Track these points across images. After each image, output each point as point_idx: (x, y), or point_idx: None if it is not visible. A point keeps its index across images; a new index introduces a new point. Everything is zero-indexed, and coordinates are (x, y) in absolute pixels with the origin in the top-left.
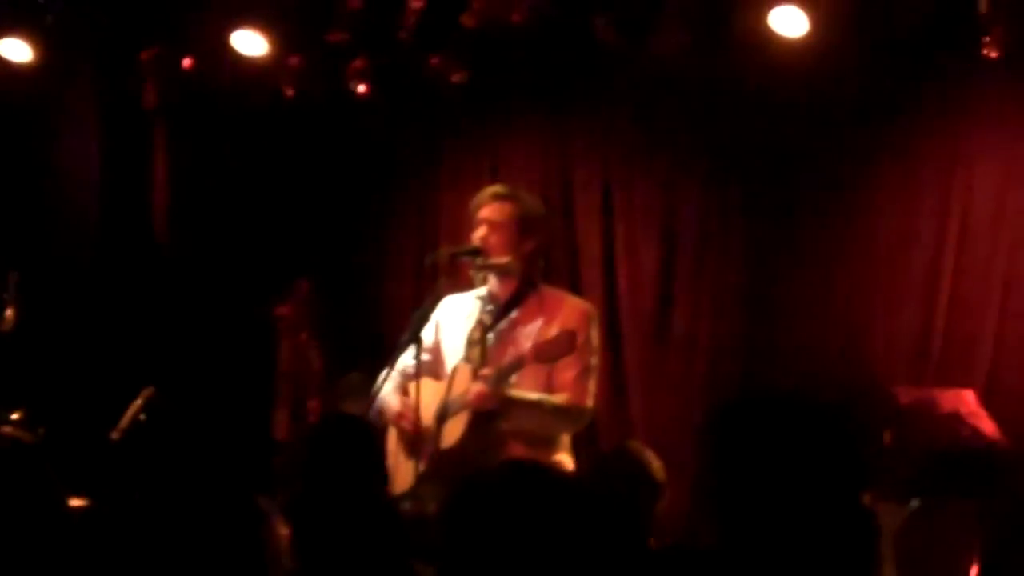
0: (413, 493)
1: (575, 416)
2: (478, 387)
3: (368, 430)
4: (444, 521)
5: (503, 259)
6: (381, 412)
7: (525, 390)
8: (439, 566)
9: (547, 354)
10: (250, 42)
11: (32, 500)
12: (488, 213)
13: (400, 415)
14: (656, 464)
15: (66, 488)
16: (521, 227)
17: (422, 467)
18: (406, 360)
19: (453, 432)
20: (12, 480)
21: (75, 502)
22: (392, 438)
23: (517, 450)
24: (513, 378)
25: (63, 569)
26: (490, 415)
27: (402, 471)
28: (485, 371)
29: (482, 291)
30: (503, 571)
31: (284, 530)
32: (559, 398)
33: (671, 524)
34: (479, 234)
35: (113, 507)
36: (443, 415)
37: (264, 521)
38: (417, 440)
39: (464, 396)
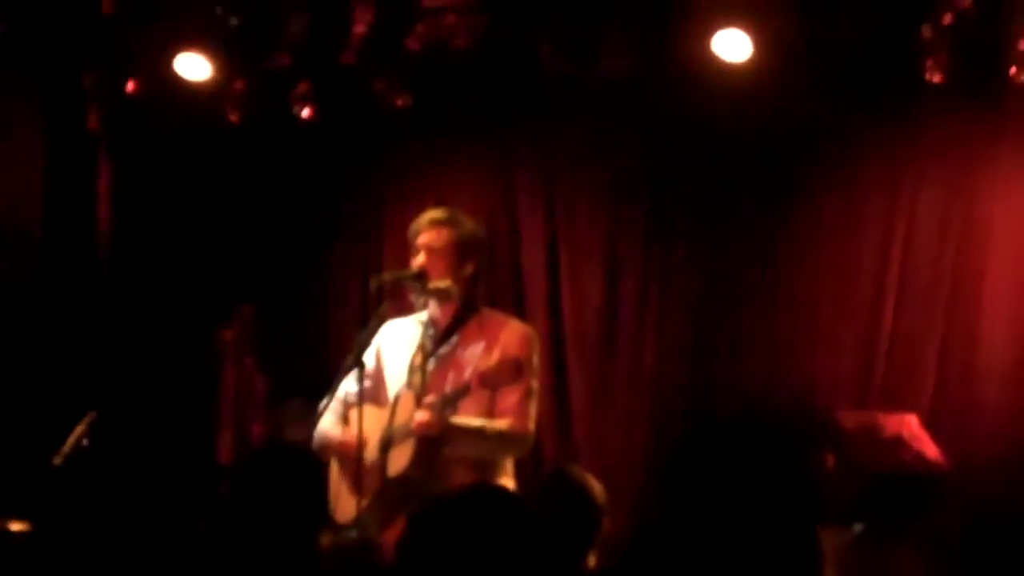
0: (358, 521)
1: (518, 441)
2: (423, 415)
3: (309, 461)
4: (404, 541)
5: (442, 283)
6: (323, 446)
7: (468, 416)
8: None
9: (492, 381)
10: (194, 66)
11: None
12: (426, 239)
13: (343, 443)
14: (597, 488)
15: (7, 512)
16: (460, 252)
17: (367, 495)
18: (348, 386)
19: (399, 460)
20: None
21: (16, 526)
22: (335, 469)
23: (461, 476)
24: (457, 404)
25: None
26: (435, 442)
27: (345, 500)
28: (429, 399)
29: (423, 316)
30: None
31: None
32: (502, 424)
33: (615, 548)
34: (418, 261)
35: (55, 531)
36: (387, 443)
37: (207, 544)
38: (361, 468)
39: (408, 424)
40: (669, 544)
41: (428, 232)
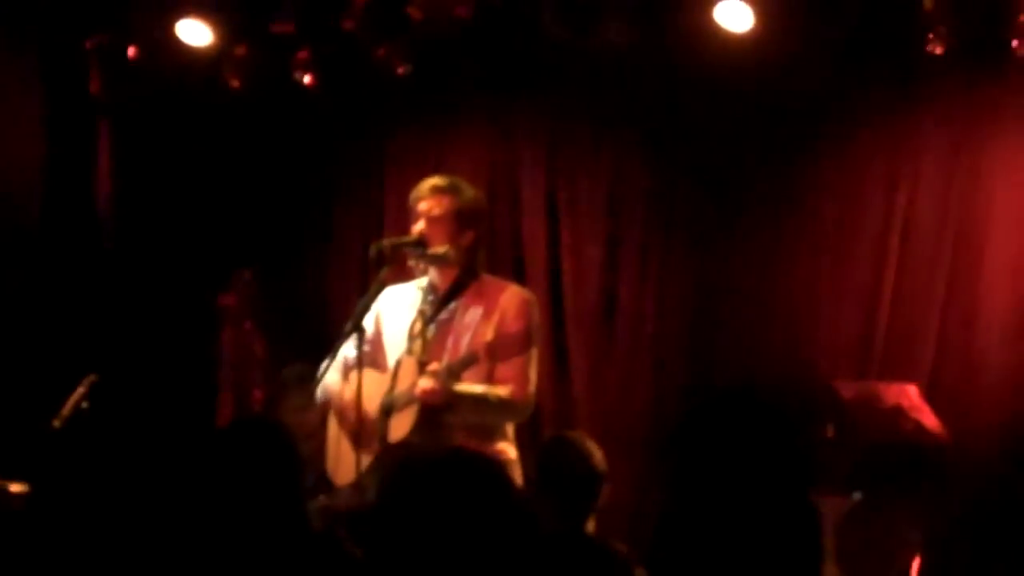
0: (357, 485)
1: (519, 407)
2: (428, 384)
3: (283, 438)
4: (378, 501)
5: (441, 249)
6: (327, 397)
7: (469, 382)
8: (368, 543)
9: (498, 352)
10: (195, 32)
11: None
12: (427, 206)
13: (346, 406)
14: (597, 453)
15: (4, 474)
16: (460, 219)
17: (367, 459)
18: (347, 350)
19: (401, 426)
20: None
21: (15, 488)
22: (333, 426)
23: (462, 441)
24: (462, 373)
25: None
26: (437, 409)
27: (345, 462)
28: (434, 366)
29: (423, 281)
30: (427, 552)
31: None
32: (503, 390)
33: (615, 514)
34: (417, 228)
35: (54, 494)
36: (389, 408)
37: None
38: (360, 432)
39: (411, 390)
40: (671, 516)
41: (429, 199)
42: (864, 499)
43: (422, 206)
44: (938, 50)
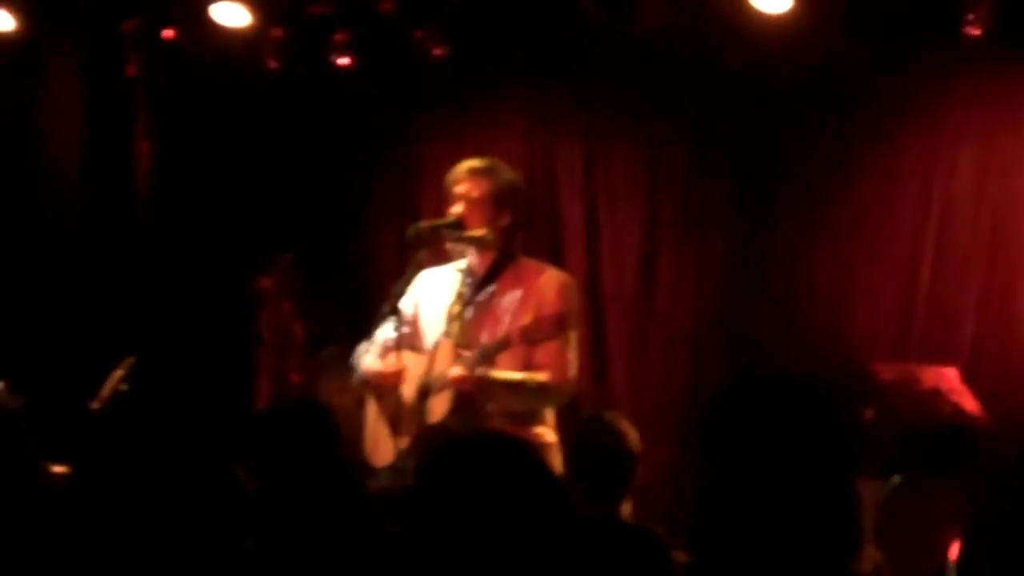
0: (395, 467)
1: (559, 392)
2: (458, 371)
3: (326, 415)
4: (414, 483)
5: (479, 232)
6: (364, 380)
7: (507, 368)
8: (404, 523)
9: (533, 336)
10: (232, 14)
11: (10, 465)
12: (464, 188)
13: (383, 374)
14: (632, 434)
15: (45, 455)
16: (497, 202)
17: (404, 441)
18: (385, 332)
19: (437, 409)
20: None
21: (57, 469)
22: (372, 411)
23: (500, 425)
24: (495, 358)
25: (40, 535)
26: (473, 395)
27: (383, 445)
28: (465, 353)
29: (461, 264)
30: (461, 533)
31: None
32: (541, 376)
33: (652, 495)
34: (455, 209)
35: (94, 476)
36: (426, 391)
37: (241, 491)
38: (398, 414)
39: (446, 374)
40: (706, 493)
41: (466, 181)
42: (903, 482)
43: (459, 188)
44: (976, 32)
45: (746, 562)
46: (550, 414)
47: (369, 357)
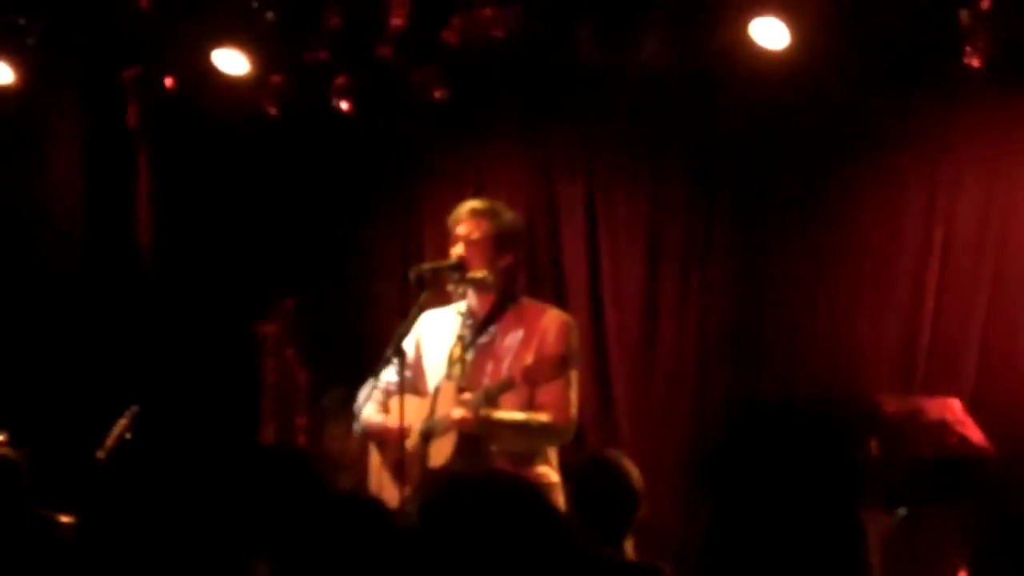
0: (400, 511)
1: (561, 432)
2: (461, 412)
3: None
4: (418, 525)
5: (480, 274)
6: (365, 432)
7: (509, 408)
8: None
9: (536, 377)
10: (232, 61)
11: (12, 513)
12: (465, 230)
13: (385, 429)
14: (634, 472)
15: (50, 505)
16: (498, 243)
17: (408, 486)
18: (388, 376)
19: (441, 452)
20: None
21: (64, 519)
22: (375, 458)
23: (502, 466)
24: (499, 399)
25: None
26: (476, 436)
27: (387, 488)
28: (467, 396)
29: (462, 306)
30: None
31: None
32: (544, 416)
33: (656, 531)
34: (456, 251)
35: (100, 525)
36: (429, 434)
37: (243, 541)
38: (401, 459)
39: (449, 416)
40: (713, 528)
41: (467, 222)
42: (909, 514)
43: (460, 229)
44: (975, 63)
45: None
46: (553, 453)
47: (370, 407)
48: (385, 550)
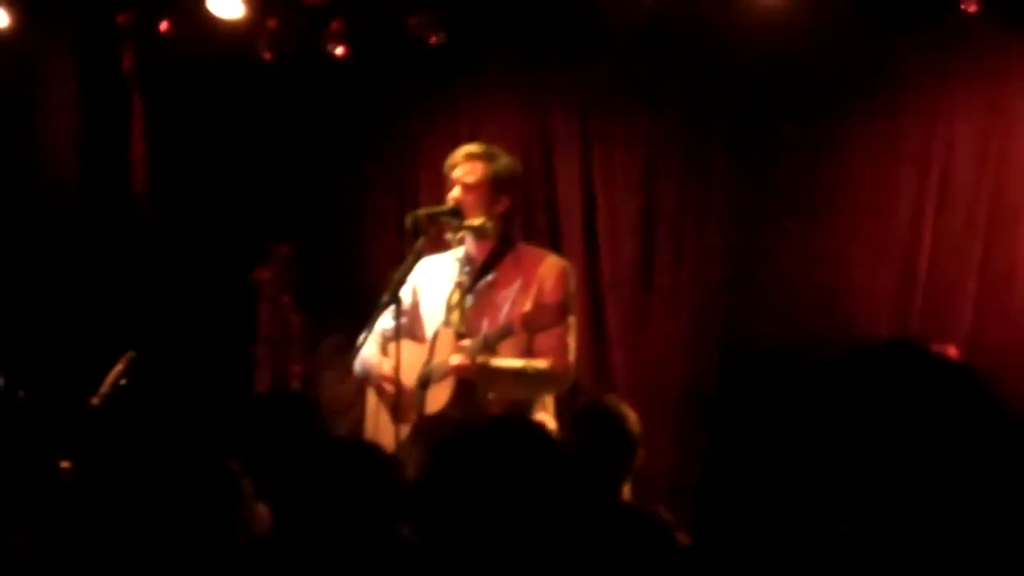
0: (395, 456)
1: (560, 378)
2: (459, 359)
3: (309, 406)
4: (425, 473)
5: (478, 220)
6: (366, 371)
7: (507, 355)
8: (418, 518)
9: (534, 324)
10: (227, 5)
11: (20, 457)
12: (462, 173)
13: (384, 378)
14: (632, 417)
15: (47, 451)
16: (495, 186)
17: (405, 431)
18: (385, 322)
19: (438, 398)
20: None
21: (65, 464)
22: (372, 400)
23: (499, 412)
24: (497, 346)
25: (48, 527)
26: (473, 383)
27: (383, 434)
28: (466, 342)
29: (459, 252)
30: (479, 526)
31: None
32: (542, 363)
33: (652, 477)
34: (453, 194)
35: (96, 471)
36: (426, 380)
37: (234, 484)
38: (399, 403)
39: (447, 363)
40: (708, 473)
41: (464, 165)
42: None
43: (457, 172)
44: (972, 8)
45: (748, 543)
46: (550, 401)
47: (369, 347)
48: (387, 495)
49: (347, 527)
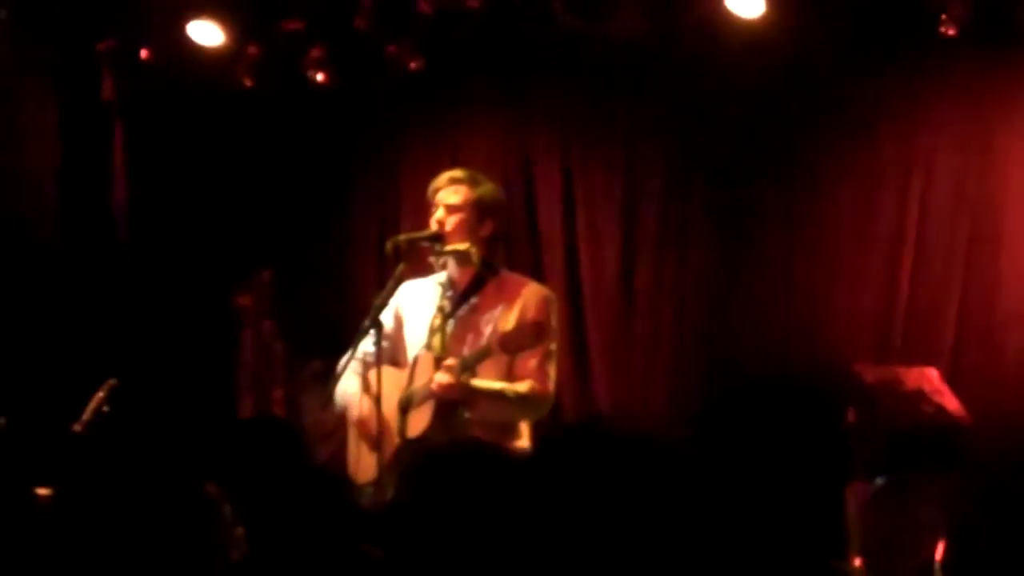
0: (376, 482)
1: (538, 403)
2: (443, 378)
3: (291, 432)
4: (398, 494)
5: (461, 245)
6: (344, 402)
7: (487, 379)
8: (390, 542)
9: (512, 345)
10: (207, 32)
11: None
12: (445, 197)
13: (362, 421)
14: None
15: (27, 477)
16: (478, 211)
17: (385, 457)
18: (366, 347)
19: (418, 422)
20: None
21: (41, 491)
22: (353, 429)
23: (479, 436)
24: (476, 367)
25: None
26: (454, 405)
27: (364, 461)
28: (449, 361)
29: (441, 277)
30: (449, 547)
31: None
32: (522, 386)
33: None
34: (436, 218)
35: (77, 498)
36: (406, 405)
37: (214, 509)
38: (380, 428)
39: (428, 386)
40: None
41: (447, 189)
42: (887, 484)
43: (441, 195)
44: (951, 31)
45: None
46: (526, 427)
47: (348, 380)
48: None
49: (321, 553)
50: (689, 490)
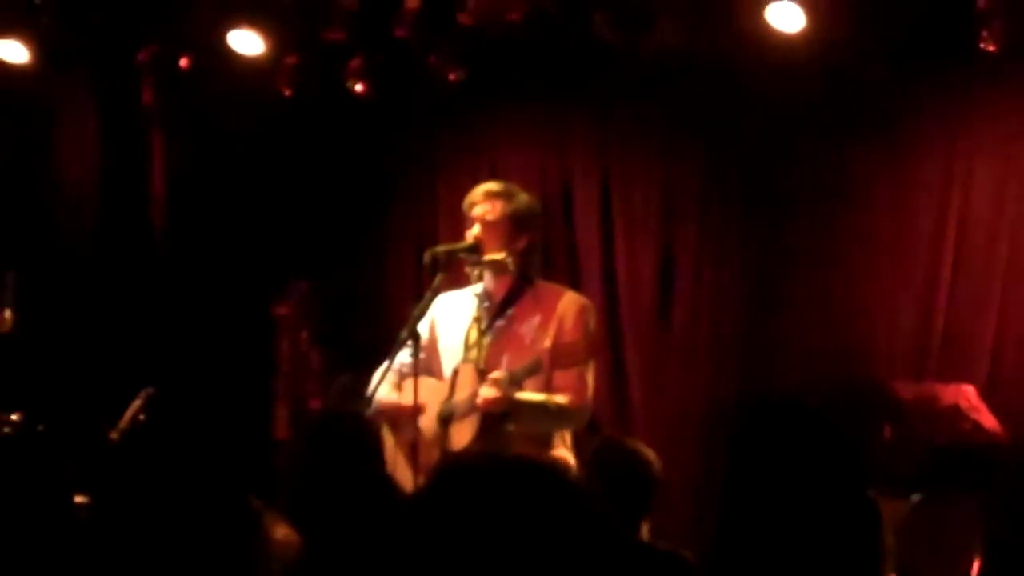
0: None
1: (578, 414)
2: (489, 392)
3: (365, 425)
4: (425, 505)
5: (497, 256)
6: (379, 411)
7: (529, 391)
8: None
9: (566, 360)
10: (247, 41)
11: (43, 490)
12: (481, 211)
13: (398, 407)
14: (651, 456)
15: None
16: (514, 224)
17: (424, 468)
18: (402, 358)
19: (462, 435)
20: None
21: (79, 499)
22: (389, 441)
23: (522, 449)
24: (524, 382)
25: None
26: (499, 418)
27: (400, 476)
28: (495, 375)
29: (478, 288)
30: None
31: (280, 530)
32: (562, 398)
33: (671, 518)
34: (472, 232)
35: (114, 506)
36: (448, 417)
37: (255, 521)
38: (417, 442)
39: (471, 399)
40: (726, 515)
41: (483, 204)
42: (923, 501)
43: (476, 210)
44: (992, 48)
45: None
46: (569, 437)
47: (384, 388)
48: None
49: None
50: (719, 504)
